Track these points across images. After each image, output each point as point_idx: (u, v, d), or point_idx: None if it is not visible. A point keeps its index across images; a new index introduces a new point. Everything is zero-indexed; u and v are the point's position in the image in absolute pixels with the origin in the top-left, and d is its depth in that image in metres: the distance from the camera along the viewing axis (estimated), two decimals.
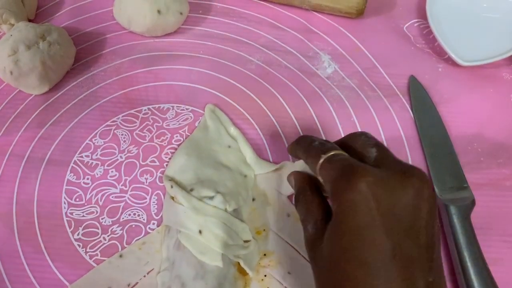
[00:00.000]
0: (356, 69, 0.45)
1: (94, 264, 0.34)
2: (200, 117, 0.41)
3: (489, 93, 0.44)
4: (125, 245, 0.35)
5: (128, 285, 0.34)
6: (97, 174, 0.38)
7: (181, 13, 0.45)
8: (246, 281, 0.33)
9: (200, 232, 0.33)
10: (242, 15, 0.49)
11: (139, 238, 0.35)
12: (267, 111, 0.42)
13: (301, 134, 0.41)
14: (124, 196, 0.37)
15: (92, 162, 0.39)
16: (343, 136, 0.40)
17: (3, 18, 0.43)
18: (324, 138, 0.40)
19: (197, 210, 0.33)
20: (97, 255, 0.35)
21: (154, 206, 0.37)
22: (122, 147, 0.39)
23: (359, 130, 0.41)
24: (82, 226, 0.36)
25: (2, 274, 0.34)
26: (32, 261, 0.34)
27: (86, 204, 0.37)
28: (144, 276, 0.34)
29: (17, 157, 0.39)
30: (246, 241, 0.34)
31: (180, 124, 0.41)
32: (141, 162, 0.39)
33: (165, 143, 0.40)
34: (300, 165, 0.35)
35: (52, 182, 0.38)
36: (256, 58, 0.45)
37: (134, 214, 0.36)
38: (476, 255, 0.33)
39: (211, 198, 0.34)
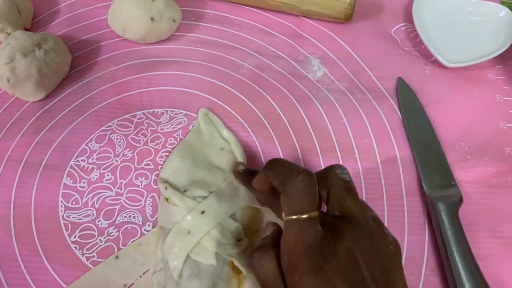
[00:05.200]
0: (345, 72, 0.46)
1: (91, 266, 0.35)
2: (194, 121, 0.42)
3: (475, 94, 0.45)
4: (121, 247, 0.36)
5: (124, 285, 0.34)
6: (93, 178, 0.39)
7: (174, 20, 0.46)
8: (240, 280, 0.34)
9: None
10: (234, 21, 0.50)
11: (135, 240, 0.36)
12: (259, 114, 0.43)
13: (292, 135, 0.42)
14: (120, 199, 0.38)
15: (88, 166, 0.39)
16: (332, 135, 0.41)
17: (0, 27, 0.44)
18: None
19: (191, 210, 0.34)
20: (93, 256, 0.35)
21: (149, 208, 0.37)
22: (118, 151, 0.40)
23: (350, 135, 0.42)
24: (79, 229, 0.36)
25: (0, 277, 0.34)
26: (30, 264, 0.35)
27: (82, 207, 0.37)
28: (140, 276, 0.35)
29: (14, 162, 0.39)
30: (239, 240, 0.34)
31: (174, 128, 0.42)
32: (136, 165, 0.39)
33: (159, 147, 0.40)
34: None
35: (49, 186, 0.38)
36: (248, 63, 0.46)
37: (130, 216, 0.37)
38: (465, 251, 0.34)
39: (205, 198, 0.35)
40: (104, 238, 0.36)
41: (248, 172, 0.34)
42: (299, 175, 0.26)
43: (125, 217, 0.37)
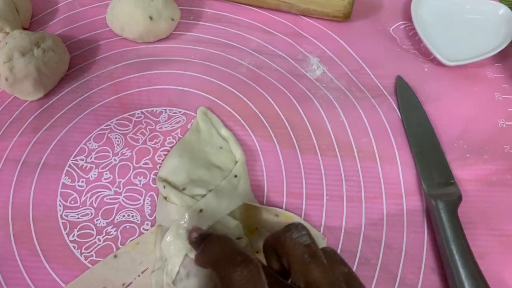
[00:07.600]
0: (344, 71, 0.46)
1: (89, 265, 0.35)
2: (192, 120, 0.42)
3: (474, 92, 0.45)
4: (120, 246, 0.36)
5: (123, 284, 0.34)
6: (92, 177, 0.39)
7: (172, 19, 0.46)
8: None
9: None
10: (232, 20, 0.50)
11: (133, 239, 0.36)
12: (258, 112, 0.43)
13: (291, 134, 0.42)
14: (118, 198, 0.38)
15: (87, 165, 0.39)
16: (331, 134, 0.41)
17: None
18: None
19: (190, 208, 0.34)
20: (92, 256, 0.35)
21: (147, 207, 0.37)
22: (116, 150, 0.40)
23: (349, 134, 0.42)
24: (77, 228, 0.36)
25: None
26: (28, 263, 0.35)
27: (81, 206, 0.37)
28: (139, 275, 0.34)
29: (12, 161, 0.39)
30: (238, 238, 0.34)
31: (172, 126, 0.42)
32: (134, 164, 0.39)
33: (158, 146, 0.40)
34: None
35: (47, 185, 0.38)
36: (246, 61, 0.46)
37: (128, 215, 0.37)
38: (464, 249, 0.34)
39: (203, 196, 0.35)
40: (103, 237, 0.36)
41: (203, 239, 0.30)
42: (237, 269, 0.24)
43: (123, 216, 0.37)
